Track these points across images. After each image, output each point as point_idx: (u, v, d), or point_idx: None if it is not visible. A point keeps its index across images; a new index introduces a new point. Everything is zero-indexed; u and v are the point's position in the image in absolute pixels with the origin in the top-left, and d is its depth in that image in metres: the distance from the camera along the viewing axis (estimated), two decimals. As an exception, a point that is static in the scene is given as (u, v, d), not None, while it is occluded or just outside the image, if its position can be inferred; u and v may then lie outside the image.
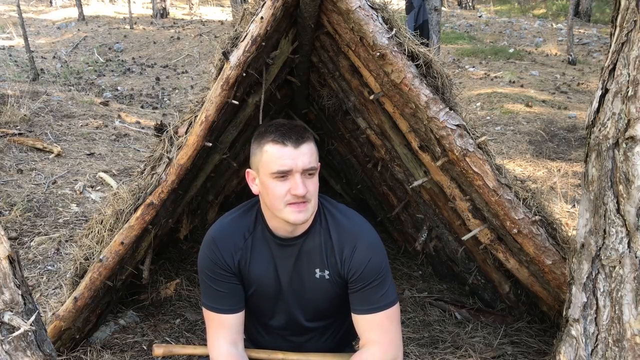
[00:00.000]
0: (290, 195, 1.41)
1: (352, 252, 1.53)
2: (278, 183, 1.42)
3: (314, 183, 1.46)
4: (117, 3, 16.81)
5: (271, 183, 1.42)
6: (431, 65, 2.20)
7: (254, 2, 2.26)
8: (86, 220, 3.87)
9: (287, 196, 1.41)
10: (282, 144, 1.41)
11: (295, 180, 1.40)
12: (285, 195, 1.41)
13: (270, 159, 1.42)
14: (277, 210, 1.44)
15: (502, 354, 2.53)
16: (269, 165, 1.42)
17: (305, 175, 1.43)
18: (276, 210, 1.45)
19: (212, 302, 1.58)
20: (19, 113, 5.82)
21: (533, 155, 5.81)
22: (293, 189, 1.40)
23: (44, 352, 1.44)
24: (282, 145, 1.41)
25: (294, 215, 1.42)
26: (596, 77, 8.89)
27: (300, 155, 1.41)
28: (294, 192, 1.40)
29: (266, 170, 1.43)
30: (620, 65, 1.42)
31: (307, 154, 1.42)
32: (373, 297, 1.52)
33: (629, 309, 1.41)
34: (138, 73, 9.95)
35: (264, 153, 1.44)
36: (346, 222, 1.57)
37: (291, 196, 1.41)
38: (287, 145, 1.41)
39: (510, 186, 2.22)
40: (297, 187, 1.40)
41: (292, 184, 1.41)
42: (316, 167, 1.46)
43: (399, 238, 3.91)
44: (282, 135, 1.42)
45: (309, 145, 1.44)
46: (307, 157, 1.42)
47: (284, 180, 1.42)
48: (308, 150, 1.43)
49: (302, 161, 1.41)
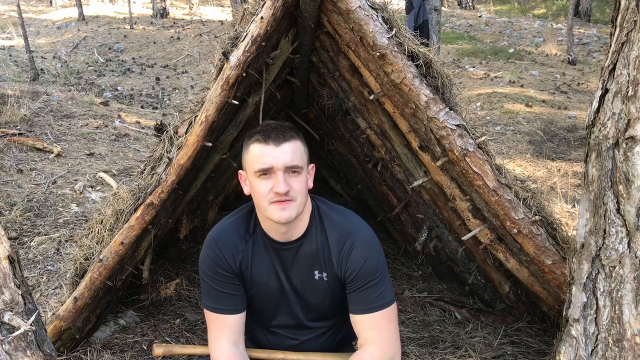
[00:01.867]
0: (273, 193, 1.44)
1: (348, 253, 1.54)
2: (262, 181, 1.45)
3: (299, 182, 1.47)
4: (117, 3, 16.81)
5: (255, 181, 1.47)
6: (431, 65, 2.20)
7: (254, 2, 2.26)
8: (86, 220, 3.86)
9: (270, 194, 1.44)
10: (264, 142, 1.45)
11: (277, 178, 1.43)
12: (269, 193, 1.44)
13: (253, 157, 1.46)
14: (263, 208, 1.48)
15: (502, 354, 2.53)
16: (253, 163, 1.47)
17: (289, 173, 1.45)
18: (262, 209, 1.49)
19: (213, 302, 1.58)
20: (19, 113, 5.82)
21: (533, 155, 5.81)
22: (275, 186, 1.43)
23: (44, 352, 1.44)
24: (264, 144, 1.45)
25: (277, 213, 1.45)
26: (596, 77, 8.89)
27: (282, 154, 1.44)
28: (276, 190, 1.43)
29: (251, 168, 1.48)
30: (620, 65, 1.42)
31: (289, 152, 1.45)
32: (370, 296, 1.53)
33: (629, 309, 1.41)
34: (138, 73, 9.95)
35: (249, 152, 1.48)
36: (342, 222, 1.58)
37: (274, 194, 1.44)
38: (268, 143, 1.44)
39: (510, 186, 2.22)
40: (278, 185, 1.42)
41: (274, 182, 1.44)
42: (300, 165, 1.47)
43: (399, 238, 3.91)
44: (264, 134, 1.46)
45: (293, 143, 1.47)
46: (289, 155, 1.44)
47: (267, 179, 1.45)
48: (290, 148, 1.45)
49: (282, 159, 1.43)
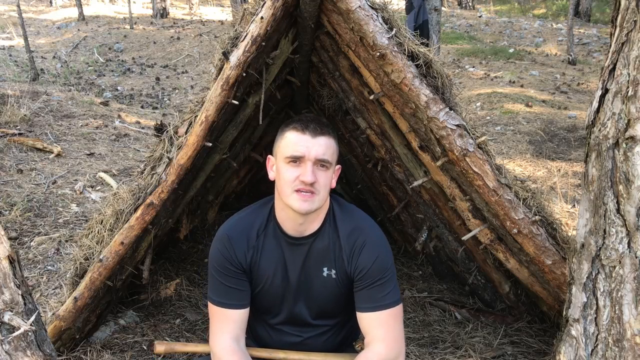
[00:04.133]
0: (298, 181, 1.46)
1: (360, 250, 1.57)
2: (290, 168, 1.48)
3: (325, 176, 1.50)
4: (117, 3, 16.81)
5: (283, 167, 1.49)
6: (431, 65, 2.20)
7: (254, 2, 2.26)
8: (86, 220, 3.86)
9: (295, 182, 1.47)
10: (302, 131, 1.48)
11: (306, 168, 1.45)
12: (294, 180, 1.47)
13: (287, 143, 1.49)
14: (285, 195, 1.49)
15: (502, 354, 2.53)
16: (285, 149, 1.49)
17: (318, 166, 1.48)
18: (284, 195, 1.50)
19: (218, 296, 1.59)
20: (19, 113, 5.82)
21: (533, 155, 5.81)
22: (302, 175, 1.46)
23: (44, 352, 1.44)
24: (301, 133, 1.48)
25: (298, 203, 1.47)
26: (596, 77, 8.89)
27: (316, 145, 1.47)
28: (302, 179, 1.45)
29: (282, 154, 1.50)
30: (620, 65, 1.42)
31: (323, 146, 1.48)
32: (379, 294, 1.55)
33: (629, 309, 1.41)
34: (138, 73, 9.95)
35: (284, 138, 1.51)
36: (354, 221, 1.61)
37: (299, 182, 1.46)
38: (305, 133, 1.48)
39: (510, 186, 2.22)
40: (306, 174, 1.45)
41: (302, 171, 1.46)
42: (330, 161, 1.50)
43: (399, 238, 3.91)
44: (303, 123, 1.49)
45: (327, 139, 1.50)
46: (322, 148, 1.48)
47: (296, 167, 1.47)
48: (324, 142, 1.49)
49: (315, 150, 1.46)
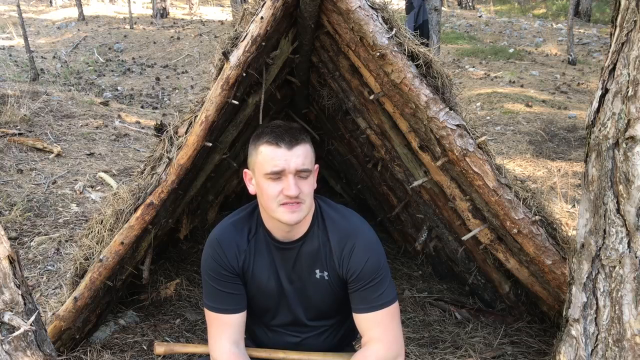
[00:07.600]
0: (282, 195, 1.43)
1: (350, 253, 1.54)
2: (271, 183, 1.44)
3: (308, 184, 1.47)
4: (117, 3, 16.81)
5: (265, 183, 1.45)
6: (431, 65, 2.19)
7: (254, 2, 2.26)
8: (86, 220, 3.86)
9: (279, 196, 1.44)
10: (276, 145, 1.43)
11: (288, 181, 1.43)
12: (278, 195, 1.44)
13: (264, 159, 1.45)
14: (271, 210, 1.47)
15: (502, 354, 2.53)
16: (263, 165, 1.45)
17: (299, 176, 1.45)
18: (270, 210, 1.48)
19: (214, 302, 1.58)
20: (19, 113, 5.82)
21: (533, 155, 5.81)
22: (285, 189, 1.43)
23: (44, 352, 1.44)
24: (275, 147, 1.43)
25: (287, 216, 1.45)
26: (596, 77, 8.89)
27: (294, 157, 1.43)
28: (286, 193, 1.42)
29: (260, 170, 1.46)
30: (620, 65, 1.42)
31: (301, 156, 1.44)
32: (373, 295, 1.54)
33: (629, 309, 1.41)
34: (138, 73, 9.95)
35: (259, 154, 1.46)
36: (344, 222, 1.59)
37: (284, 196, 1.43)
38: (280, 146, 1.43)
39: (510, 186, 2.22)
40: (290, 188, 1.42)
41: (285, 185, 1.43)
42: (310, 169, 1.47)
43: (399, 238, 3.91)
44: (276, 136, 1.44)
45: (304, 147, 1.46)
46: (301, 158, 1.44)
47: (277, 181, 1.44)
48: (302, 152, 1.45)
49: (294, 162, 1.43)
